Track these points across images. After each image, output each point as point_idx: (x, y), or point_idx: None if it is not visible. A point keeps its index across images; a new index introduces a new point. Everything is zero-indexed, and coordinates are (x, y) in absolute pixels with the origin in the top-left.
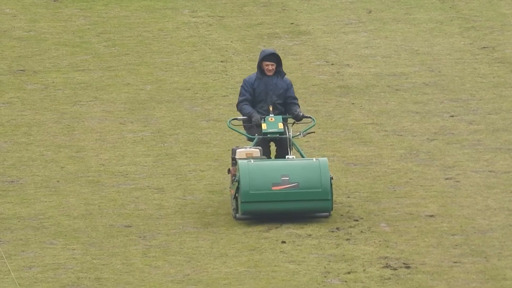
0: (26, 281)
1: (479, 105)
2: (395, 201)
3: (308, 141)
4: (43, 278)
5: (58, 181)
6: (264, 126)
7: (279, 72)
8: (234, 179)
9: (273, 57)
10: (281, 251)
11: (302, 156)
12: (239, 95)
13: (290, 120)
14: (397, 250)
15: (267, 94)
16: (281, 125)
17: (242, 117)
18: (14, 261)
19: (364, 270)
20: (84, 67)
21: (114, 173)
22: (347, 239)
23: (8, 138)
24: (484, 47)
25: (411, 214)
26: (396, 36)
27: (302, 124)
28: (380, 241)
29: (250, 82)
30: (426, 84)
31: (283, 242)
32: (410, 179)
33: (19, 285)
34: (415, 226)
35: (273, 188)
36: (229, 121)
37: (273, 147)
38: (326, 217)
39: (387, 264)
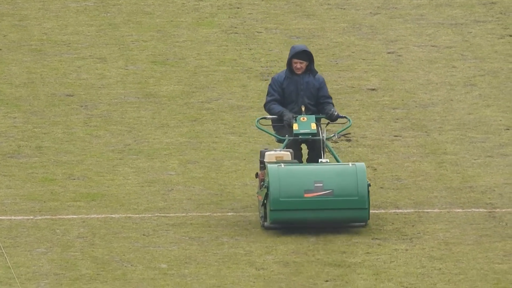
0: None
1: None
2: (337, 74)
3: (251, 12)
4: None
5: (0, 49)
6: (295, 126)
7: (310, 70)
8: (263, 184)
9: (304, 55)
10: (222, 123)
11: (337, 160)
12: (267, 95)
13: (324, 121)
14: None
15: (298, 95)
16: (314, 126)
17: (271, 116)
18: None
19: None
20: None
21: (56, 42)
22: None
23: None
24: None
25: (353, 87)
26: None
27: (337, 124)
28: None
29: (279, 81)
30: None
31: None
32: (353, 52)
33: None
34: (357, 100)
35: (306, 195)
36: (257, 121)
37: (304, 149)
38: (362, 227)
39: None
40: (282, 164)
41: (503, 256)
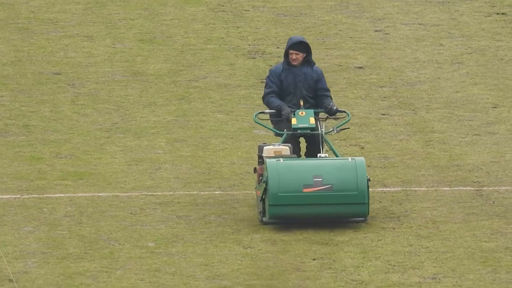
0: None
1: None
2: (324, 53)
3: None
4: None
5: None
6: (294, 121)
7: (308, 61)
8: (262, 179)
9: (301, 46)
10: (210, 101)
11: (336, 155)
12: (265, 87)
13: (323, 115)
14: None
15: (296, 86)
16: (312, 120)
17: (270, 111)
18: None
19: None
20: None
21: (44, 20)
22: None
23: None
24: None
25: (340, 65)
26: None
27: (336, 118)
28: None
29: (276, 73)
30: None
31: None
32: (340, 30)
33: None
34: (344, 78)
35: (305, 190)
36: (255, 115)
37: (303, 144)
38: (362, 222)
39: None
40: (281, 159)
41: (490, 234)
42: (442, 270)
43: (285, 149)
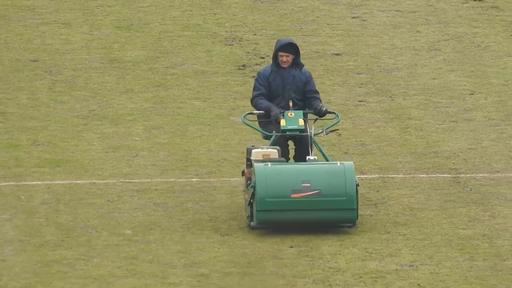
0: None
1: None
2: (301, 39)
3: None
4: None
5: None
6: (283, 122)
7: (297, 63)
8: (249, 183)
9: (290, 48)
10: (187, 88)
11: (325, 157)
12: (254, 90)
13: (312, 116)
14: None
15: (284, 89)
16: (301, 121)
17: (258, 112)
18: None
19: None
20: None
21: (21, 7)
22: (253, 77)
23: None
24: None
25: (317, 52)
26: None
27: (325, 120)
28: None
29: (265, 76)
30: None
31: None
32: (317, 17)
33: None
34: (321, 65)
35: (293, 195)
36: (244, 116)
37: (291, 146)
38: (350, 227)
39: None
40: (269, 163)
41: (467, 221)
42: (419, 258)
43: (274, 152)
